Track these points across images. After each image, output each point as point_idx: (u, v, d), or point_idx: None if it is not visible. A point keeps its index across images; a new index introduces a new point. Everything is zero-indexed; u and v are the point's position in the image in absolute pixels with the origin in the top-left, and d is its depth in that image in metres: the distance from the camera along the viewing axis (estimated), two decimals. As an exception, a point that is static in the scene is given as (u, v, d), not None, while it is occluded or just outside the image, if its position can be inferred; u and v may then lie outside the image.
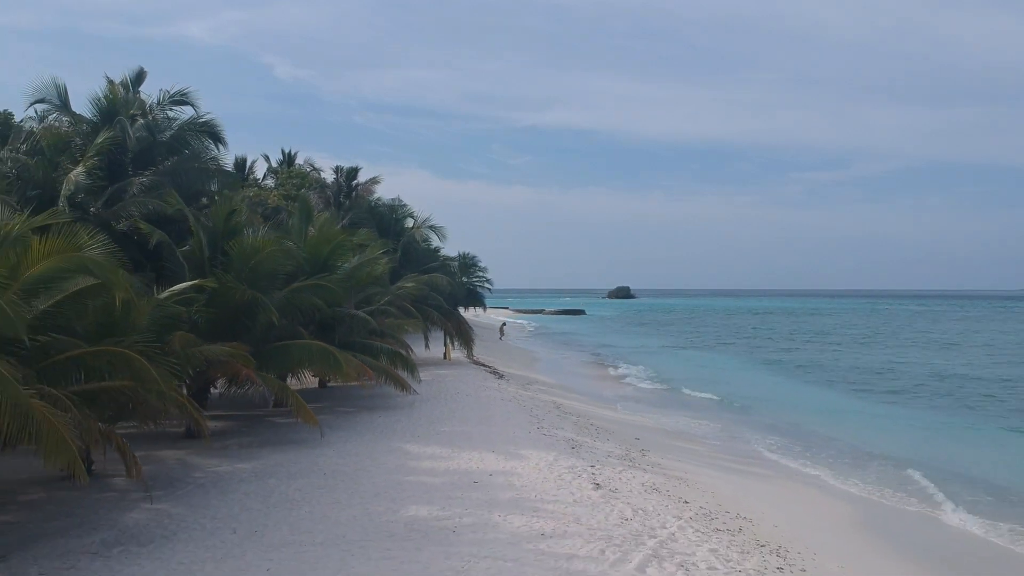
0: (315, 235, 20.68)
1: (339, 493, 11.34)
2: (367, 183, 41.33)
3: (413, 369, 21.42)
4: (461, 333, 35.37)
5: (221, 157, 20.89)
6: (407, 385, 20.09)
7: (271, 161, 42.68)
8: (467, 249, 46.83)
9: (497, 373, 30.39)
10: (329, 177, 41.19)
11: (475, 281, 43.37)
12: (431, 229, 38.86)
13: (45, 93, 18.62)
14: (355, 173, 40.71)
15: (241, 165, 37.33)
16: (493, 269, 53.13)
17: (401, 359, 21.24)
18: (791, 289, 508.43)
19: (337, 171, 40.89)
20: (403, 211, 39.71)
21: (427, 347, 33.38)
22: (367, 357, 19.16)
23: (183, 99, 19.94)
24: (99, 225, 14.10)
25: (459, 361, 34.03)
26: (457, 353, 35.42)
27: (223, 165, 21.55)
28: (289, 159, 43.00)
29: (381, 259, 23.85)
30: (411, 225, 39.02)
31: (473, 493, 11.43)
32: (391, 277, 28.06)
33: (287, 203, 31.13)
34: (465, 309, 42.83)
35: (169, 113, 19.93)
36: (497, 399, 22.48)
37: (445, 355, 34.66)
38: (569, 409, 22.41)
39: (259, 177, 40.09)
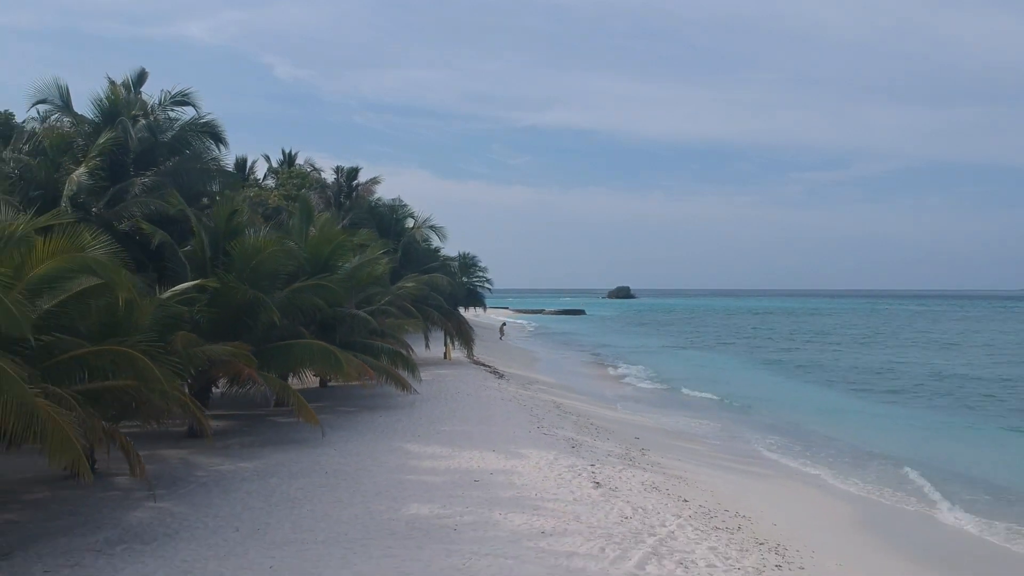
0: (316, 235, 20.75)
1: (341, 492, 11.41)
2: (367, 183, 41.43)
3: (414, 369, 21.47)
4: (461, 333, 35.44)
5: (222, 158, 21.03)
6: (408, 385, 20.17)
7: (271, 161, 42.77)
8: (467, 249, 46.98)
9: (497, 373, 30.45)
10: (329, 177, 41.33)
11: (475, 281, 43.46)
12: (431, 229, 38.98)
13: (47, 94, 18.69)
14: (355, 173, 40.83)
15: (242, 165, 37.40)
16: (493, 269, 53.24)
17: (402, 359, 21.30)
18: (791, 289, 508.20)
19: (337, 171, 41.02)
20: (403, 211, 39.81)
21: (427, 347, 33.46)
22: (368, 357, 19.23)
23: (184, 100, 20.00)
24: (101, 225, 14.17)
25: (459, 361, 34.10)
26: (457, 353, 35.49)
27: (224, 165, 21.67)
28: (289, 159, 43.06)
29: (381, 259, 23.94)
30: (411, 225, 39.10)
31: (474, 492, 11.50)
32: (391, 277, 28.14)
33: (287, 203, 31.21)
34: (465, 309, 42.90)
35: (170, 114, 19.98)
36: (497, 399, 22.55)
37: (445, 355, 34.72)
38: (569, 409, 22.48)
39: (259, 177, 40.16)
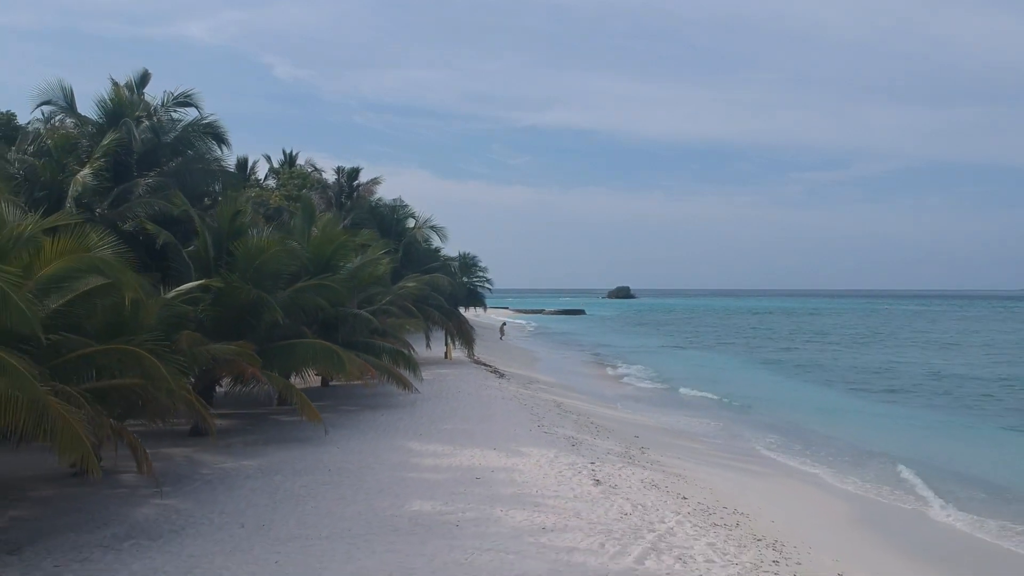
0: (318, 235, 20.88)
1: (344, 489, 11.54)
2: (368, 183, 41.50)
3: (415, 368, 21.59)
4: (462, 333, 35.58)
5: (224, 158, 21.17)
6: (409, 384, 20.30)
7: (272, 162, 42.83)
8: (467, 249, 47.08)
9: (498, 372, 30.57)
10: (330, 178, 41.39)
11: (475, 281, 43.55)
12: (432, 229, 39.06)
13: (51, 95, 18.81)
14: (356, 174, 40.92)
15: (243, 166, 37.41)
16: (493, 269, 53.35)
17: (403, 358, 21.40)
18: (791, 289, 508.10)
19: (338, 172, 41.10)
20: (404, 211, 39.88)
21: (428, 347, 33.59)
22: (370, 356, 19.38)
23: (187, 100, 20.14)
24: (106, 226, 14.30)
25: (460, 360, 34.23)
26: (458, 352, 35.63)
27: (226, 166, 21.80)
28: (290, 160, 43.15)
29: (383, 259, 24.06)
30: (412, 225, 39.18)
31: (475, 489, 11.63)
32: (393, 277, 28.25)
33: (289, 203, 31.32)
34: (465, 309, 43.02)
35: (173, 114, 20.11)
36: (498, 398, 22.68)
37: (446, 354, 34.85)
38: (569, 408, 22.60)
39: (260, 178, 40.25)
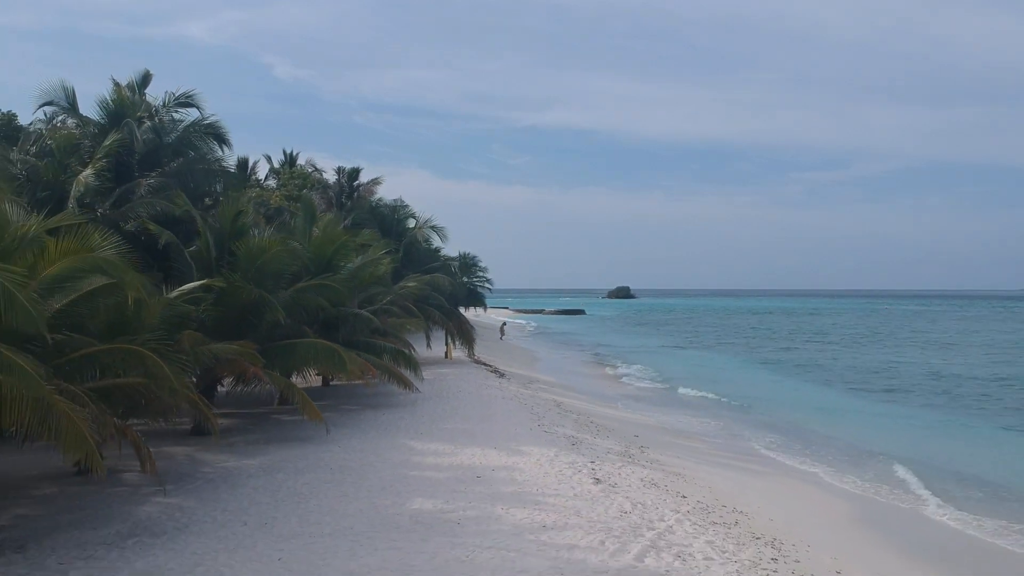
0: (319, 236, 20.95)
1: (346, 487, 11.61)
2: (369, 184, 41.61)
3: (416, 368, 21.65)
4: (462, 332, 35.65)
5: (225, 158, 21.23)
6: (410, 383, 20.36)
7: (273, 162, 42.94)
8: (467, 249, 47.09)
9: (498, 372, 30.64)
10: (331, 178, 41.51)
11: (476, 281, 43.58)
12: (432, 229, 39.10)
13: (53, 95, 18.86)
14: (357, 174, 41.03)
15: (243, 166, 37.43)
16: (493, 269, 53.35)
17: (404, 358, 21.47)
18: (791, 289, 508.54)
19: (339, 172, 41.23)
20: (405, 212, 39.93)
21: (429, 346, 33.67)
22: (371, 356, 19.45)
23: (188, 101, 20.21)
24: (108, 226, 14.36)
25: (460, 360, 34.30)
26: (458, 352, 35.70)
27: (227, 167, 21.86)
28: (291, 160, 43.24)
29: (384, 259, 24.14)
30: (413, 225, 39.24)
31: (476, 487, 11.70)
32: (393, 277, 28.33)
33: (289, 204, 31.41)
34: (466, 309, 43.07)
35: (174, 115, 20.18)
36: (498, 397, 22.75)
37: (447, 354, 34.92)
38: (569, 407, 22.67)
39: (261, 178, 40.34)
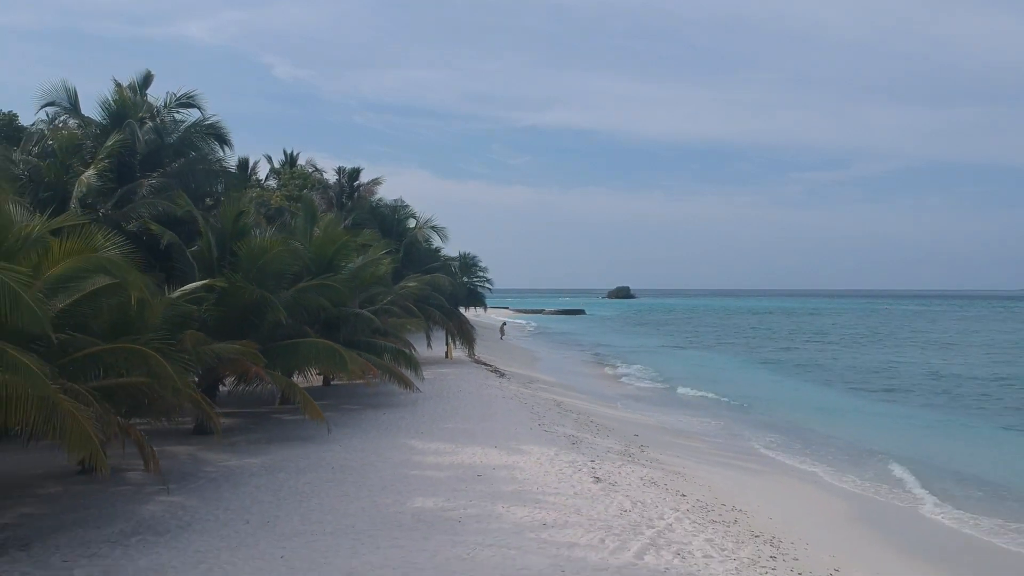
0: (320, 236, 21.02)
1: (347, 486, 11.68)
2: (369, 184, 41.71)
3: (416, 367, 21.72)
4: (463, 332, 35.71)
5: (226, 159, 21.30)
6: (410, 383, 20.43)
7: (273, 162, 43.03)
8: (467, 249, 47.21)
9: (498, 372, 30.70)
10: (331, 178, 41.60)
11: (476, 281, 43.67)
12: (433, 230, 39.19)
13: (56, 96, 18.95)
14: (357, 174, 41.12)
15: (244, 166, 37.54)
16: (493, 269, 53.41)
17: (404, 357, 21.53)
18: (791, 289, 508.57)
19: (339, 172, 41.34)
20: (405, 212, 40.03)
21: (429, 346, 33.75)
22: (371, 355, 19.51)
23: (190, 101, 20.29)
24: (110, 226, 14.42)
25: (461, 360, 34.35)
26: (459, 352, 35.76)
27: (228, 167, 21.93)
28: (291, 160, 43.32)
29: (384, 259, 24.22)
30: (413, 226, 39.33)
31: (477, 486, 11.77)
32: (394, 277, 28.42)
33: (290, 204, 31.48)
34: (466, 309, 43.16)
35: (176, 115, 20.27)
36: (498, 397, 22.82)
37: (447, 354, 34.98)
38: (569, 407, 22.74)
39: (262, 178, 40.42)
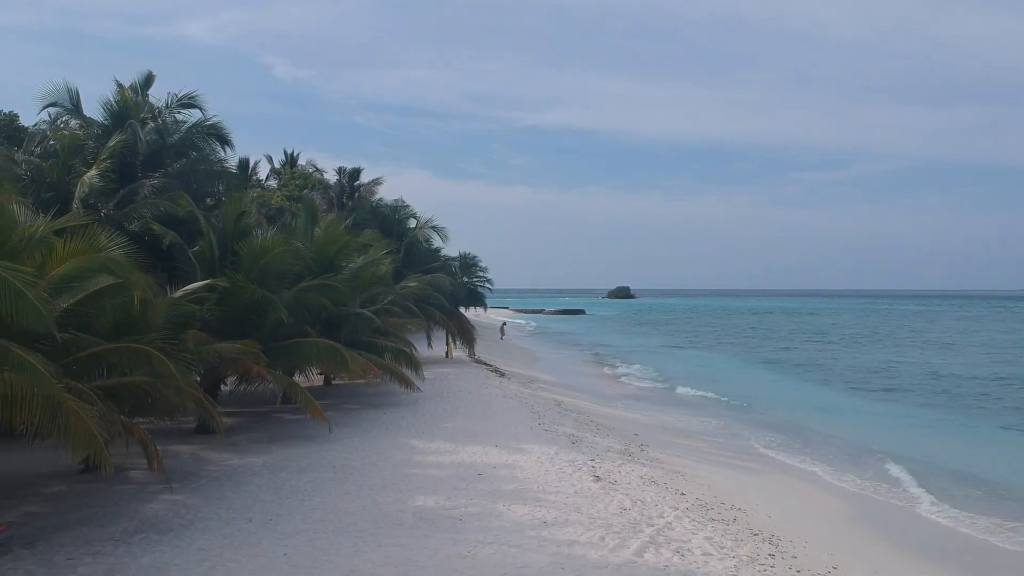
0: (321, 236, 21.09)
1: (348, 485, 11.75)
2: (369, 184, 41.79)
3: (417, 367, 21.78)
4: (463, 332, 35.77)
5: (227, 159, 21.38)
6: (411, 383, 20.48)
7: (274, 162, 43.11)
8: (467, 249, 47.31)
9: (498, 371, 30.76)
10: (332, 178, 41.68)
11: (476, 281, 43.73)
12: (433, 230, 39.27)
13: (57, 96, 19.01)
14: (358, 174, 41.21)
15: (244, 166, 37.62)
16: (493, 269, 53.55)
17: (405, 357, 21.59)
18: (791, 289, 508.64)
19: (340, 172, 41.42)
20: (405, 212, 40.10)
21: (430, 346, 33.81)
22: (372, 355, 19.57)
23: (191, 102, 20.36)
24: (112, 226, 14.49)
25: (461, 360, 34.41)
26: (459, 352, 35.81)
27: (229, 167, 22.01)
28: (292, 160, 43.39)
29: (385, 259, 24.30)
30: (413, 226, 39.39)
31: (477, 485, 11.84)
32: (394, 277, 28.50)
33: (290, 204, 31.55)
34: (466, 309, 43.23)
35: (177, 116, 20.33)
36: (499, 396, 22.87)
37: (447, 354, 35.04)
38: (570, 406, 22.79)
39: (262, 178, 40.48)
